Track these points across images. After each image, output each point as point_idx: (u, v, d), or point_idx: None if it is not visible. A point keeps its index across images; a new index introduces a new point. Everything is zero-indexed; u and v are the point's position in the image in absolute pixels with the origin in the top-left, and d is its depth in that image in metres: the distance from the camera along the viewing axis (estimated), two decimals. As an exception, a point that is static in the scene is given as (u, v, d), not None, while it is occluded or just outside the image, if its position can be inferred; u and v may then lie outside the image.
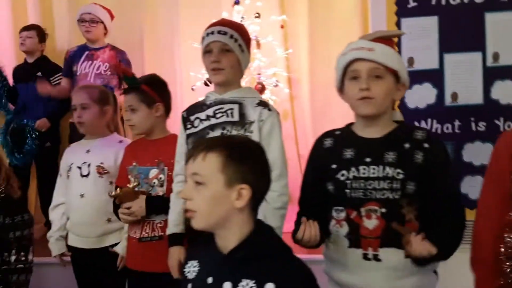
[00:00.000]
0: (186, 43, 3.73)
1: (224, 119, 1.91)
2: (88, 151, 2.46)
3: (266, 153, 1.36)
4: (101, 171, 2.40)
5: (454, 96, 2.85)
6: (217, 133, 1.90)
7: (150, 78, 2.27)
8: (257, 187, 1.27)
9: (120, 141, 2.52)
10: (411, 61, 2.85)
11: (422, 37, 2.83)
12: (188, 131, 1.99)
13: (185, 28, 3.84)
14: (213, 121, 1.92)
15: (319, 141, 1.74)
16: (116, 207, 2.18)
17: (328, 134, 1.74)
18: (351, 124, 1.73)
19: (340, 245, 1.60)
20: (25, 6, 4.11)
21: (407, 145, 1.59)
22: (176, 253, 1.94)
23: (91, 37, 3.70)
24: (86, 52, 3.69)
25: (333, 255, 1.64)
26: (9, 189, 2.40)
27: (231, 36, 1.92)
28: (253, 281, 1.21)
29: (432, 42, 2.84)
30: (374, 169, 1.58)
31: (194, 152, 1.27)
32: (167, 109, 2.26)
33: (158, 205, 2.09)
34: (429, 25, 2.85)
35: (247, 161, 1.26)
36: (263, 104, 1.95)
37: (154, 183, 2.14)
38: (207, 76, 3.53)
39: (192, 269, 1.33)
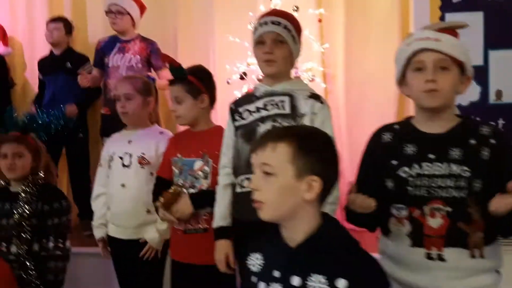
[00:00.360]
0: (222, 36, 3.69)
1: (275, 111, 1.87)
2: (130, 141, 2.44)
3: None
4: (143, 162, 2.38)
5: (499, 94, 2.78)
6: (267, 125, 1.86)
7: (196, 69, 2.23)
8: (327, 178, 1.22)
9: (161, 132, 2.50)
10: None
11: (466, 32, 2.77)
12: (237, 123, 1.95)
13: (220, 21, 3.78)
14: (263, 113, 1.88)
15: (377, 135, 1.67)
16: (155, 199, 2.16)
17: (387, 128, 1.67)
18: (410, 117, 1.66)
19: (402, 243, 1.54)
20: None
21: (472, 141, 1.52)
22: (223, 247, 1.91)
23: (117, 29, 3.66)
24: (118, 45, 3.65)
25: (393, 254, 1.58)
26: (49, 177, 2.40)
27: (285, 27, 1.88)
28: (324, 277, 1.16)
29: (477, 38, 2.77)
30: (438, 166, 1.51)
31: (263, 142, 1.23)
32: (212, 101, 2.22)
33: (203, 200, 2.07)
34: (474, 20, 2.78)
35: (317, 152, 1.22)
36: (315, 96, 1.91)
37: (199, 175, 2.11)
38: (242, 69, 3.51)
39: (256, 261, 1.28)
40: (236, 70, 3.53)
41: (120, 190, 2.38)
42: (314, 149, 1.22)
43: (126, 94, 2.41)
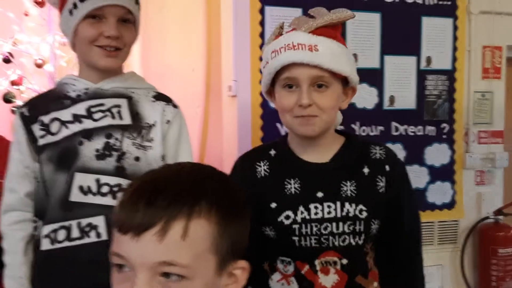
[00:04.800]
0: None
1: (108, 121, 1.29)
2: None
3: None
4: None
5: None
6: (97, 143, 1.27)
7: None
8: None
9: None
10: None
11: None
12: (41, 141, 1.29)
13: None
14: (88, 124, 1.28)
15: (249, 167, 1.27)
16: None
17: (259, 154, 1.29)
18: (286, 138, 1.31)
19: (289, 309, 1.19)
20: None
21: (366, 170, 1.25)
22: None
23: None
24: None
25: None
26: None
27: None
28: None
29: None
30: (329, 207, 1.21)
31: (151, 220, 0.68)
32: None
33: None
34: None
35: (239, 217, 0.76)
36: (164, 98, 1.39)
37: None
38: (7, 48, 2.69)
39: None
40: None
41: None
42: (237, 214, 0.76)
43: None
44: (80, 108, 1.29)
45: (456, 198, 2.39)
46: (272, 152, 1.29)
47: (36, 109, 1.31)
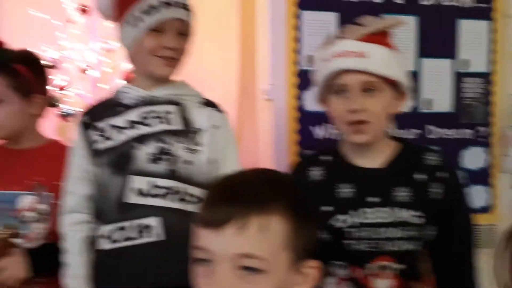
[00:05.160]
0: (17, 8, 2.86)
1: (160, 126, 1.33)
2: None
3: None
4: None
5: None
6: (150, 147, 1.30)
7: (23, 54, 1.52)
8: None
9: None
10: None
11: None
12: (100, 146, 1.33)
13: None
14: (142, 129, 1.32)
15: (301, 171, 1.30)
16: None
17: (313, 160, 1.31)
18: (338, 143, 1.33)
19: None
20: None
21: (420, 176, 1.25)
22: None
23: None
24: None
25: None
26: None
27: (188, 8, 1.37)
28: None
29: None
30: (383, 212, 1.21)
31: (232, 214, 0.73)
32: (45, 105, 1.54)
33: (45, 260, 1.39)
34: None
35: (311, 218, 0.81)
36: (211, 104, 1.43)
37: (28, 217, 1.42)
38: (53, 55, 2.76)
39: None
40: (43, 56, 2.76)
41: None
42: (309, 215, 0.80)
43: None
44: (134, 115, 1.34)
45: (492, 202, 2.37)
46: (325, 157, 1.31)
47: (94, 116, 1.37)
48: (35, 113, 1.49)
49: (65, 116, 2.79)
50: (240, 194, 0.74)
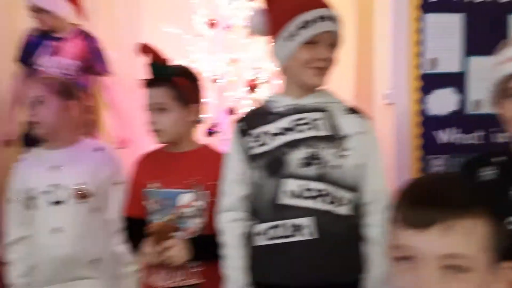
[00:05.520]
0: (151, 26, 3.11)
1: (310, 133, 1.43)
2: (54, 167, 1.81)
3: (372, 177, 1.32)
4: (81, 195, 1.79)
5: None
6: (301, 152, 1.41)
7: (184, 69, 1.71)
8: None
9: (97, 149, 1.89)
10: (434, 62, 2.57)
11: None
12: (255, 151, 1.46)
13: (148, 6, 3.22)
14: (293, 135, 1.43)
15: (472, 171, 1.33)
16: (134, 243, 1.62)
17: (484, 160, 1.34)
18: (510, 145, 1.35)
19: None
20: None
21: None
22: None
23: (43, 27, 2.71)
24: (46, 42, 2.69)
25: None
26: None
27: (337, 22, 1.47)
28: None
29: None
30: None
31: (438, 216, 0.78)
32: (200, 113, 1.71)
33: (203, 249, 1.56)
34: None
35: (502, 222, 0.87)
36: (355, 111, 1.51)
37: (187, 212, 1.59)
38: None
39: None
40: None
41: (51, 238, 1.76)
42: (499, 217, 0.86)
43: (37, 97, 1.80)
44: (285, 122, 1.45)
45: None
46: (497, 158, 1.34)
47: (249, 123, 1.50)
48: (192, 119, 1.67)
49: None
50: (444, 197, 0.80)
